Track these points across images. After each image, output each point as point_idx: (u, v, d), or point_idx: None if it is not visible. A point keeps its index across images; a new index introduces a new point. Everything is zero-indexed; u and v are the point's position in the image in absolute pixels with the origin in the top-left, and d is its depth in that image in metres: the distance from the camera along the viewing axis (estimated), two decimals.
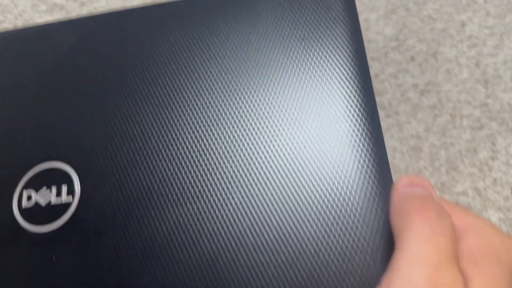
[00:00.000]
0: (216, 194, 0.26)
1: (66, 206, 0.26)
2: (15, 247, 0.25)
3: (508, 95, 0.41)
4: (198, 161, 0.27)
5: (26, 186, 0.27)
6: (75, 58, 0.32)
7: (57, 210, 0.26)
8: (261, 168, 0.26)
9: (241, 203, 0.25)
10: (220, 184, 0.26)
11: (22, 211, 0.26)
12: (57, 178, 0.27)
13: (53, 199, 0.26)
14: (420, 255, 0.18)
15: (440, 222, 0.19)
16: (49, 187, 0.26)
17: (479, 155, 0.37)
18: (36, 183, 0.27)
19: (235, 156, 0.27)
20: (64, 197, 0.26)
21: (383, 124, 0.40)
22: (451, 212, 0.20)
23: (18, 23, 0.49)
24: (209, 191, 0.26)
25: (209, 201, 0.26)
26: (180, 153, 0.27)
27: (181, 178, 0.27)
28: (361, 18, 0.50)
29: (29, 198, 0.26)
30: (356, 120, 0.26)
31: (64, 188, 0.26)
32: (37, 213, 0.26)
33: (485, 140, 0.38)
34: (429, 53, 0.46)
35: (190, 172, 0.27)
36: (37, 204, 0.26)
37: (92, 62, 0.32)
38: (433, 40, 0.47)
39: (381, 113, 0.41)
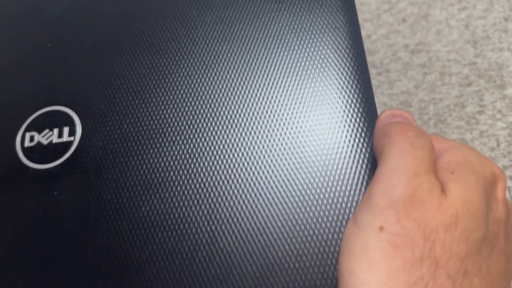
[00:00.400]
0: (210, 134, 0.27)
1: (68, 145, 0.27)
2: (18, 184, 0.26)
3: (496, 55, 0.42)
4: (194, 103, 0.28)
5: (28, 129, 0.28)
6: (76, 11, 0.33)
7: (59, 149, 0.27)
8: (255, 112, 0.26)
9: (235, 143, 0.26)
10: (214, 124, 0.27)
11: (24, 150, 0.27)
12: (59, 121, 0.27)
13: (55, 139, 0.27)
14: (399, 164, 0.19)
15: (420, 140, 0.20)
16: (51, 129, 0.27)
17: (466, 109, 0.38)
18: (38, 126, 0.28)
19: (228, 98, 0.28)
20: (66, 138, 0.27)
21: (374, 81, 0.41)
22: (432, 139, 0.21)
23: None
24: (204, 130, 0.27)
25: (204, 140, 0.27)
26: (177, 96, 0.28)
27: (177, 118, 0.27)
28: None
29: (31, 139, 0.27)
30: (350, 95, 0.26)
31: (66, 130, 0.27)
32: (39, 152, 0.27)
33: (473, 95, 0.39)
34: (420, 15, 0.47)
35: (186, 113, 0.27)
36: (39, 144, 0.27)
37: (93, 14, 0.32)
38: (424, 3, 0.48)
39: (373, 71, 0.42)
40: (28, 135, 0.27)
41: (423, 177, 0.19)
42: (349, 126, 0.25)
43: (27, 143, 0.27)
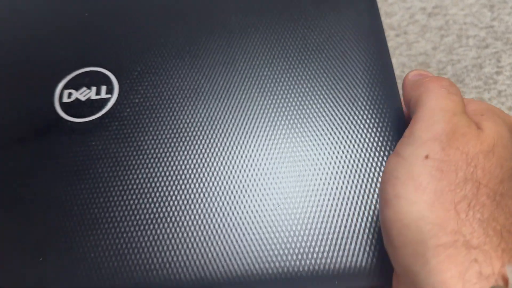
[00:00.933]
0: (232, 92, 0.27)
1: (105, 101, 0.28)
2: (56, 135, 0.27)
3: None
4: (220, 71, 0.28)
5: (66, 86, 0.28)
6: None
7: (96, 105, 0.27)
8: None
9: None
10: (235, 80, 0.28)
11: (62, 105, 0.28)
12: (97, 80, 0.28)
13: (93, 96, 0.28)
14: (440, 105, 0.21)
15: (453, 87, 0.22)
16: (89, 87, 0.28)
17: (484, 70, 0.39)
18: (76, 84, 0.28)
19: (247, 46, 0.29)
20: (103, 95, 0.28)
21: (392, 43, 0.42)
22: None
23: None
24: (227, 89, 0.27)
25: (231, 97, 0.27)
26: (207, 63, 0.29)
27: (208, 81, 0.28)
28: None
29: (69, 95, 0.28)
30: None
31: (103, 88, 0.28)
32: (77, 107, 0.27)
33: (490, 57, 0.40)
34: None
35: (216, 76, 0.28)
36: (77, 100, 0.28)
37: None
38: None
39: (391, 33, 0.42)
40: (66, 92, 0.28)
41: (461, 115, 0.21)
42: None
43: (65, 99, 0.28)
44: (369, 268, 0.23)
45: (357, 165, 0.25)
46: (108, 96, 0.28)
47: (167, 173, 0.25)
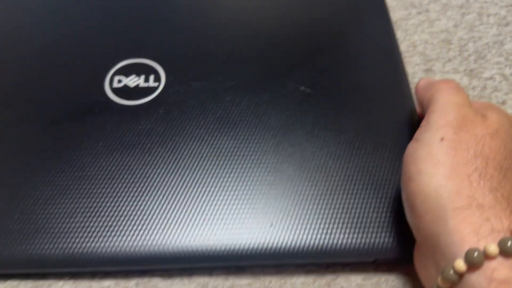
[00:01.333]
0: None
1: (153, 89, 0.30)
2: (106, 115, 0.29)
3: None
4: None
5: (116, 73, 0.31)
6: None
7: (145, 91, 0.30)
8: None
9: None
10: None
11: (113, 89, 0.30)
12: (146, 70, 0.31)
13: (141, 84, 0.30)
14: (450, 99, 0.25)
15: (460, 87, 0.26)
16: (138, 75, 0.31)
17: (505, 46, 0.40)
18: (126, 72, 0.31)
19: None
20: (151, 83, 0.30)
21: (414, 20, 0.42)
22: None
23: None
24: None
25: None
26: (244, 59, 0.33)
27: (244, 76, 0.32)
28: None
29: (119, 81, 0.30)
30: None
31: (152, 77, 0.31)
32: (126, 92, 0.30)
33: (511, 34, 0.40)
34: None
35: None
36: (126, 86, 0.30)
37: None
38: None
39: (413, 11, 0.43)
40: (116, 78, 0.30)
41: (468, 107, 0.25)
42: None
43: (115, 84, 0.30)
44: (392, 243, 0.25)
45: (378, 162, 0.28)
46: (156, 84, 0.30)
47: (208, 154, 0.27)
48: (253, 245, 0.25)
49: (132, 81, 0.30)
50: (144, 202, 0.26)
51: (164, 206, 0.25)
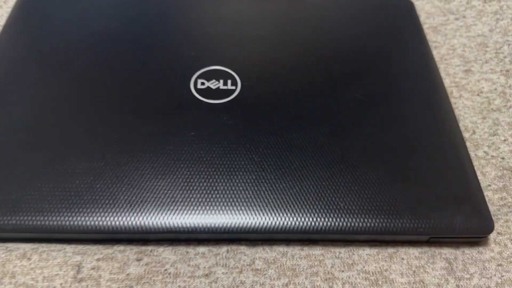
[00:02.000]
0: None
1: (231, 91, 0.35)
2: (193, 111, 0.34)
3: None
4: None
5: (199, 77, 0.36)
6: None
7: (225, 92, 0.35)
8: None
9: None
10: None
11: (197, 90, 0.35)
12: (224, 76, 0.36)
13: (221, 86, 0.35)
14: None
15: None
16: (217, 80, 0.36)
17: None
18: (207, 77, 0.36)
19: None
20: (229, 86, 0.35)
21: (453, 25, 0.46)
22: None
23: None
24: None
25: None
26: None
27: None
28: None
29: (202, 83, 0.35)
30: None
31: (229, 81, 0.36)
32: (209, 93, 0.35)
33: None
34: None
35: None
36: (208, 88, 0.35)
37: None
38: None
39: (451, 17, 0.47)
40: (199, 81, 0.35)
41: None
42: None
43: (199, 86, 0.35)
44: (443, 224, 0.30)
45: None
46: (233, 87, 0.35)
47: (282, 145, 0.32)
48: (324, 223, 0.29)
49: (213, 84, 0.35)
50: (230, 182, 0.30)
51: (247, 187, 0.30)
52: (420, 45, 0.39)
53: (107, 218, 0.28)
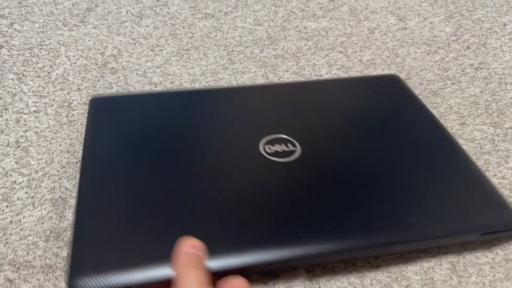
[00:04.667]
0: None
1: (292, 153, 0.44)
2: (263, 169, 0.42)
3: None
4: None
5: (266, 143, 0.44)
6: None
7: (288, 153, 0.43)
8: None
9: None
10: None
11: (266, 152, 0.43)
12: (285, 142, 0.45)
13: (285, 149, 0.44)
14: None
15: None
16: (280, 144, 0.44)
17: None
18: (272, 142, 0.45)
19: None
20: (291, 148, 0.44)
21: (449, 89, 0.59)
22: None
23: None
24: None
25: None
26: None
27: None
28: (427, 21, 0.69)
29: (269, 148, 0.44)
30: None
31: (290, 145, 0.44)
32: (275, 154, 0.43)
33: None
34: (480, 44, 0.64)
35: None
36: (274, 150, 0.44)
37: None
38: (483, 35, 0.66)
39: (448, 82, 0.59)
40: (267, 146, 0.44)
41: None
42: None
43: (266, 150, 0.44)
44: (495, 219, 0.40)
45: None
46: (294, 149, 0.43)
47: (336, 190, 0.40)
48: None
49: (277, 147, 0.44)
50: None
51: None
52: (421, 107, 0.49)
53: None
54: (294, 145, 0.44)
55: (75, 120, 0.53)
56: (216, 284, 0.31)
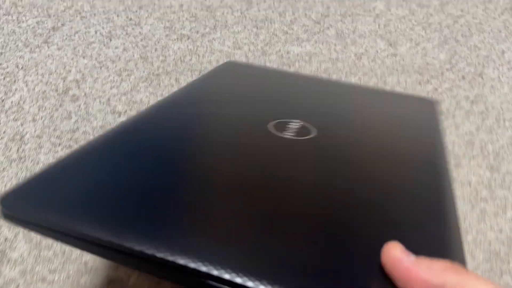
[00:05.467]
0: None
1: (309, 132, 0.41)
2: (281, 146, 0.39)
3: None
4: None
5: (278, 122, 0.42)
6: None
7: (303, 131, 0.41)
8: None
9: None
10: None
11: (277, 131, 0.40)
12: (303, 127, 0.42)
13: (299, 129, 0.41)
14: None
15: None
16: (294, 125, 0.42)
17: None
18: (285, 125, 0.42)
19: None
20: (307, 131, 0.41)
21: (443, 125, 0.53)
22: None
23: None
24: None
25: None
26: None
27: None
28: (420, 47, 0.64)
29: (282, 125, 0.41)
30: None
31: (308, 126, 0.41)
32: (288, 130, 0.41)
33: None
34: (476, 73, 0.59)
35: None
36: (287, 127, 0.41)
37: None
38: (479, 63, 0.61)
39: (441, 117, 0.54)
40: (278, 124, 0.41)
41: None
42: None
43: (278, 129, 0.41)
44: None
45: None
46: (311, 132, 0.41)
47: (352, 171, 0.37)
48: None
49: (292, 126, 0.41)
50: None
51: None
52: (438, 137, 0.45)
53: None
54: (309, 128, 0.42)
55: (26, 156, 0.47)
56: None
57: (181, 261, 0.26)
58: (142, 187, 0.32)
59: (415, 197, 0.38)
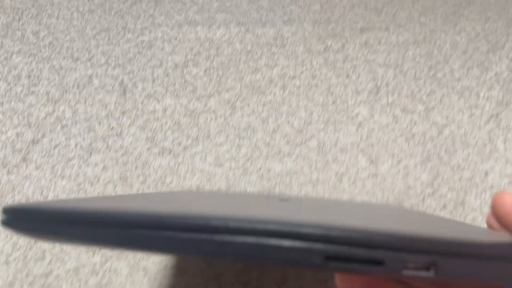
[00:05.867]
0: None
1: None
2: None
3: None
4: None
5: None
6: None
7: None
8: None
9: None
10: None
11: None
12: None
13: None
14: None
15: None
16: None
17: None
18: None
19: None
20: None
21: None
22: None
23: None
24: None
25: None
26: None
27: None
28: (401, 164, 0.64)
29: None
30: None
31: None
32: None
33: None
34: (458, 202, 0.59)
35: None
36: None
37: None
38: (461, 188, 0.60)
39: None
40: None
41: None
42: None
43: None
44: None
45: None
46: None
47: None
48: None
49: None
50: None
51: None
52: None
53: None
54: None
55: None
56: None
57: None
58: None
59: None
